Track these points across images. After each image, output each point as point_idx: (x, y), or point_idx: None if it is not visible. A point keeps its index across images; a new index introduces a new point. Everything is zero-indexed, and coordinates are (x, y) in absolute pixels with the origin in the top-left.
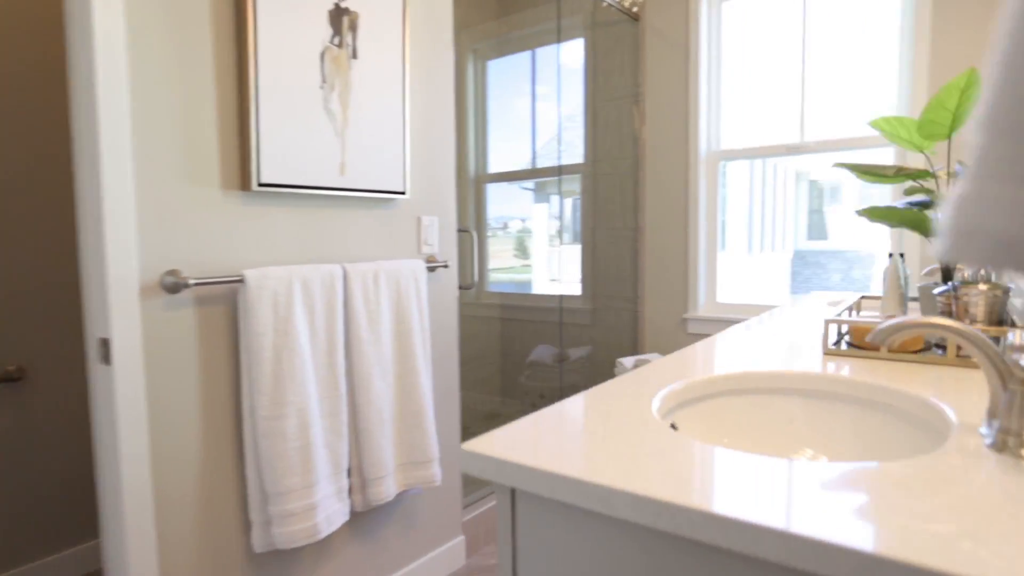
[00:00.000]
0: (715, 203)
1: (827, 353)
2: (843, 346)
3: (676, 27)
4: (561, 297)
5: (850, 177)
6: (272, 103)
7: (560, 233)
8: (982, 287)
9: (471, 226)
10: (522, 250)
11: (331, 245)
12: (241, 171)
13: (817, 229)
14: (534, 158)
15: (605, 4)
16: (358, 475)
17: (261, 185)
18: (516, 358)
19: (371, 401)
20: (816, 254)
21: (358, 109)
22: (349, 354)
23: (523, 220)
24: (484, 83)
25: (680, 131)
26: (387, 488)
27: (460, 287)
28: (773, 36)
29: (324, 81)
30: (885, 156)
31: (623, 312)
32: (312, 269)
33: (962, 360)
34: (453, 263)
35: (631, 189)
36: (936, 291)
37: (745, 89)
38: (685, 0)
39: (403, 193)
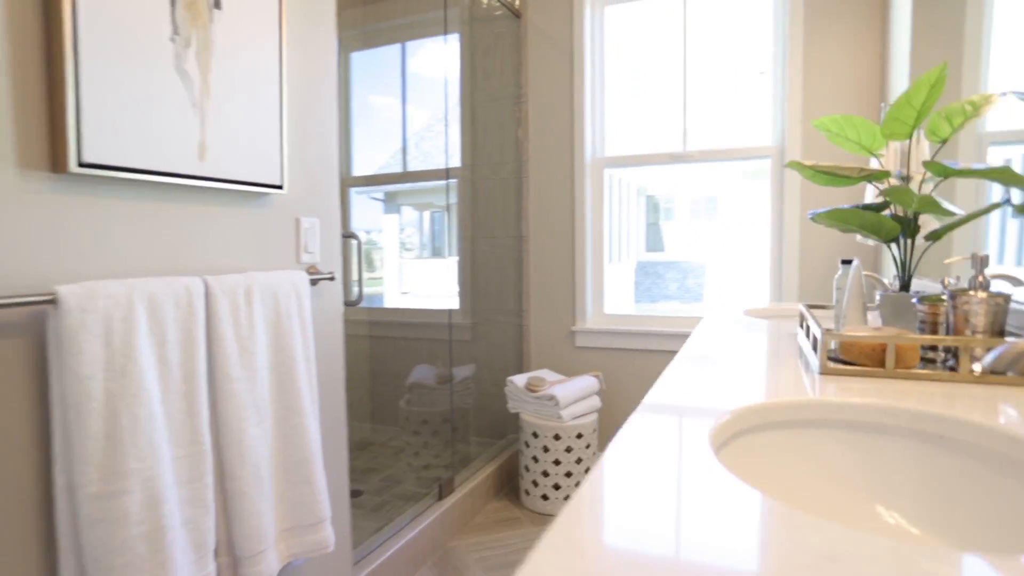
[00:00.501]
0: (601, 212)
1: (826, 372)
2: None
3: (560, 27)
4: (450, 312)
5: (683, 192)
6: (99, 48)
7: (428, 242)
8: (982, 295)
9: None
10: (374, 262)
11: (188, 251)
12: (51, 144)
13: (654, 241)
14: (404, 161)
15: None
16: (228, 554)
17: (84, 166)
18: (388, 380)
19: (244, 455)
20: (655, 265)
21: (222, 75)
22: (214, 396)
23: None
24: (347, 77)
25: (565, 136)
26: (267, 566)
27: (346, 303)
28: (655, 45)
29: (176, 32)
30: (764, 167)
31: (507, 327)
32: (162, 284)
33: (981, 376)
34: (338, 274)
35: (514, 196)
36: (915, 299)
37: (629, 96)
38: (569, 1)
39: (280, 187)
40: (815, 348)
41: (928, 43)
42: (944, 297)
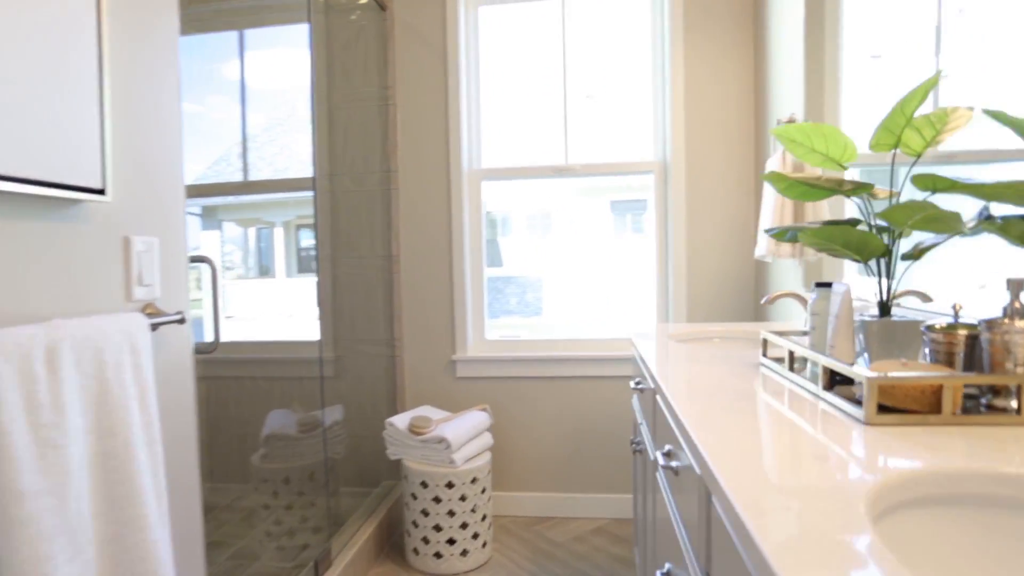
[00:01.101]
0: (479, 228)
1: (873, 423)
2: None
3: (431, 24)
4: (320, 344)
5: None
6: None
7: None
8: (1021, 324)
9: None
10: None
11: None
12: None
13: (493, 256)
14: (245, 169)
15: None
16: None
17: None
18: (233, 430)
19: None
20: (494, 280)
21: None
22: None
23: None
24: None
25: (439, 144)
26: None
27: (198, 351)
28: (532, 52)
29: None
30: (645, 182)
31: (377, 358)
32: None
33: None
34: (187, 312)
35: (381, 210)
36: (924, 325)
37: (507, 104)
38: None
39: (100, 192)
40: (831, 389)
41: (815, 61)
42: (967, 324)
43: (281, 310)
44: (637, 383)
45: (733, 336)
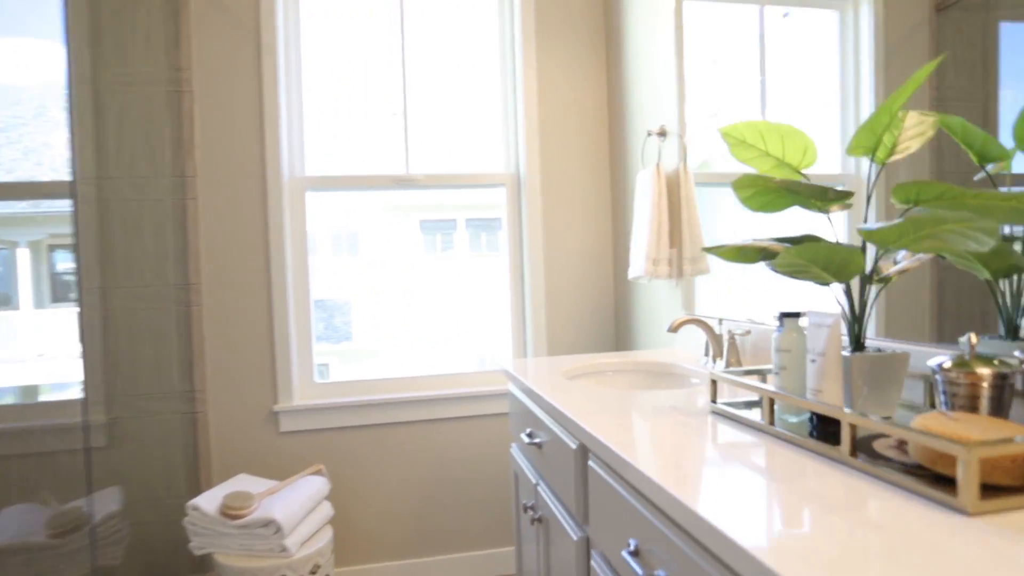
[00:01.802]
0: (304, 249)
1: (978, 512)
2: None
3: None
4: (84, 404)
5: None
6: None
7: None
8: None
9: None
10: None
11: None
12: None
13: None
14: None
15: None
16: None
17: None
18: None
19: None
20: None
21: None
22: None
23: None
24: None
25: (252, 145)
26: None
27: None
28: (367, 51)
29: None
30: (498, 196)
31: (169, 417)
32: None
33: None
34: None
35: (174, 226)
36: (934, 364)
37: (335, 105)
38: None
39: None
40: (854, 453)
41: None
42: (1010, 361)
43: (28, 349)
44: (531, 436)
45: (626, 369)
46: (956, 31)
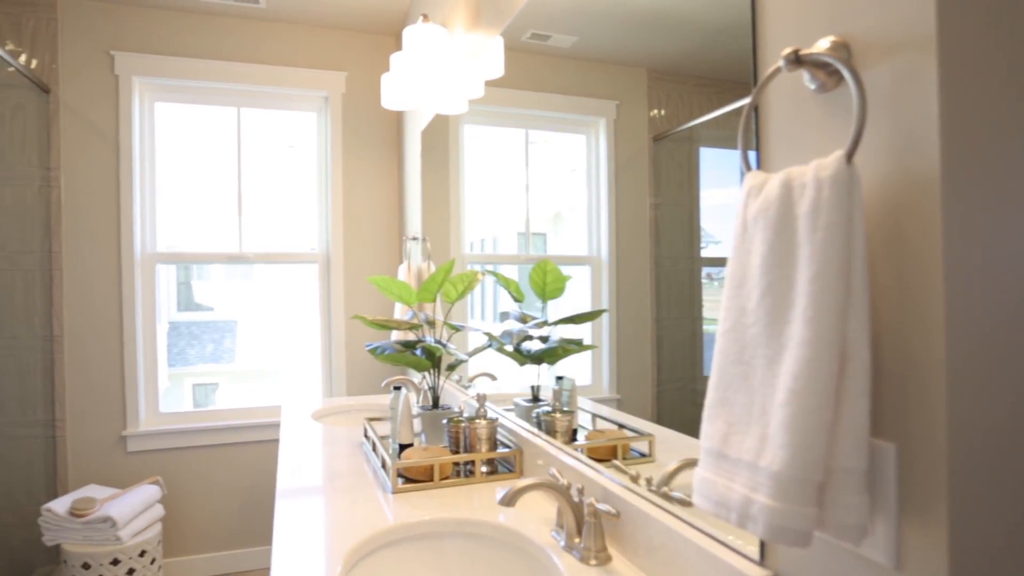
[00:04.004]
0: (152, 308)
1: (397, 491)
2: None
3: (101, 113)
4: None
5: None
6: None
7: None
8: (483, 422)
9: None
10: None
11: None
12: None
13: (186, 301)
14: None
15: None
16: None
17: None
18: None
19: None
20: (189, 325)
21: None
22: None
23: None
24: None
25: (109, 229)
26: None
27: None
28: (212, 149)
29: None
30: (311, 271)
31: (31, 440)
32: None
33: (487, 477)
34: None
35: (41, 290)
36: (444, 420)
37: (185, 193)
38: (113, 87)
39: None
40: (385, 468)
41: (430, 179)
42: (462, 419)
43: None
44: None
45: (366, 408)
46: (668, 154)
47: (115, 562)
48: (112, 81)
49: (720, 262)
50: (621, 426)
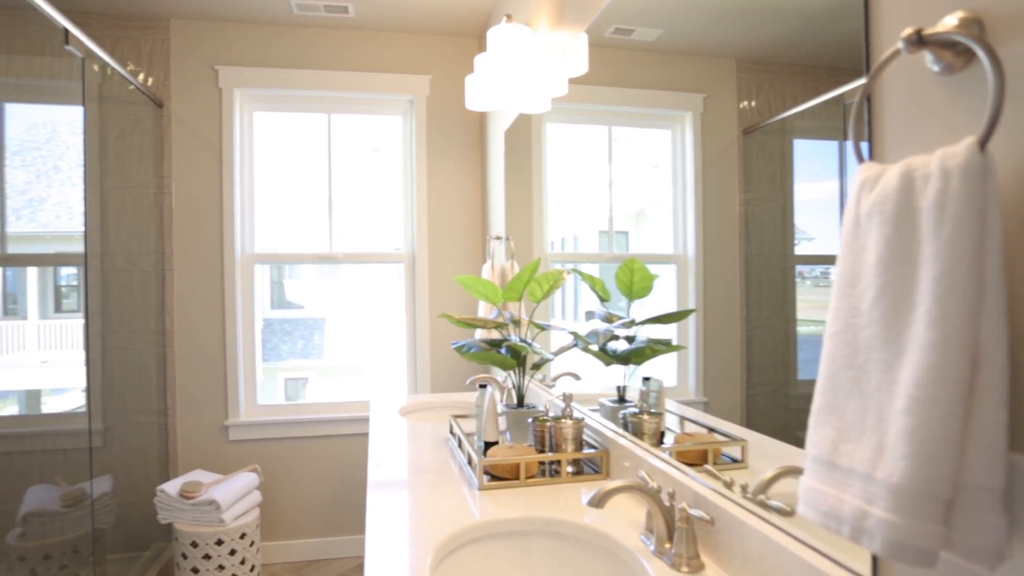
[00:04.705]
0: (251, 306)
1: (483, 488)
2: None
3: (207, 124)
4: (89, 416)
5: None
6: None
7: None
8: (569, 422)
9: None
10: None
11: None
12: None
13: (279, 300)
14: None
15: (113, 74)
16: None
17: None
18: None
19: None
20: (282, 322)
21: None
22: None
23: None
24: None
25: (214, 231)
26: None
27: None
28: (304, 154)
29: None
30: (395, 270)
31: (148, 427)
32: None
33: (572, 477)
34: None
35: (156, 289)
36: (531, 419)
37: (280, 197)
38: (217, 99)
39: None
40: (470, 464)
41: (513, 178)
42: (548, 418)
43: (38, 358)
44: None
45: (450, 405)
46: (759, 147)
47: (219, 542)
48: (216, 94)
49: (815, 259)
50: (711, 429)
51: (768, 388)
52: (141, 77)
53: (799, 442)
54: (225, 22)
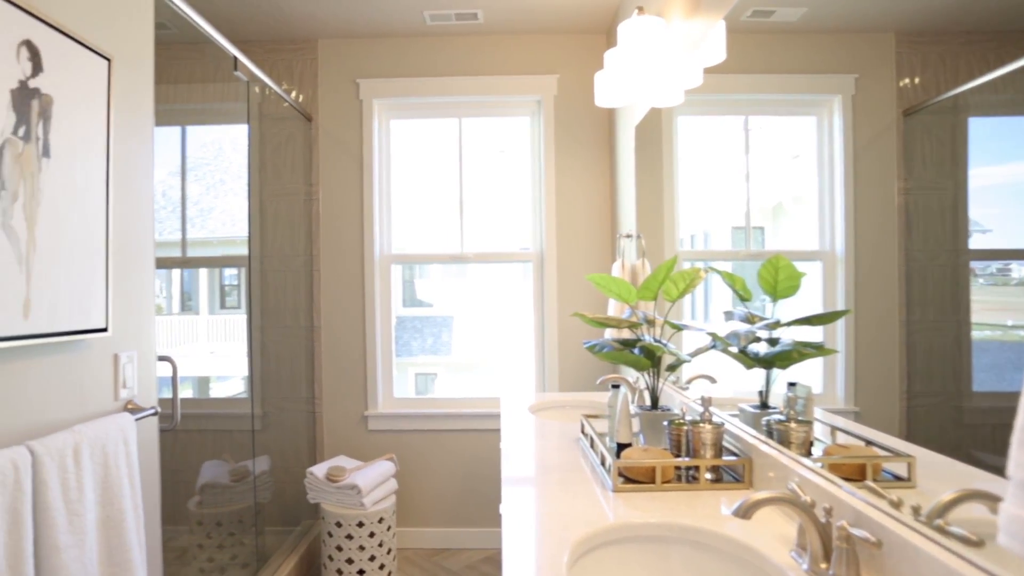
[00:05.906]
0: (388, 304)
1: (618, 490)
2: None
3: (349, 134)
4: (251, 401)
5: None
6: None
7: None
8: (708, 426)
9: None
10: None
11: (6, 413)
12: None
13: (410, 298)
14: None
15: (270, 93)
16: None
17: None
18: (175, 477)
19: None
20: (412, 320)
21: (50, 225)
22: (40, 570)
23: None
24: None
25: (355, 234)
26: None
27: (162, 429)
28: (435, 158)
29: (3, 187)
30: (521, 269)
31: (299, 414)
32: None
33: (711, 484)
34: (154, 402)
35: (305, 287)
36: (665, 422)
37: (413, 200)
38: (358, 111)
39: (104, 330)
40: (604, 464)
41: (643, 175)
42: (685, 422)
43: (207, 348)
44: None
45: (579, 404)
46: (923, 129)
47: (360, 524)
48: (357, 105)
49: (992, 254)
50: (869, 442)
51: (935, 399)
52: (293, 95)
53: (977, 462)
54: (364, 38)
